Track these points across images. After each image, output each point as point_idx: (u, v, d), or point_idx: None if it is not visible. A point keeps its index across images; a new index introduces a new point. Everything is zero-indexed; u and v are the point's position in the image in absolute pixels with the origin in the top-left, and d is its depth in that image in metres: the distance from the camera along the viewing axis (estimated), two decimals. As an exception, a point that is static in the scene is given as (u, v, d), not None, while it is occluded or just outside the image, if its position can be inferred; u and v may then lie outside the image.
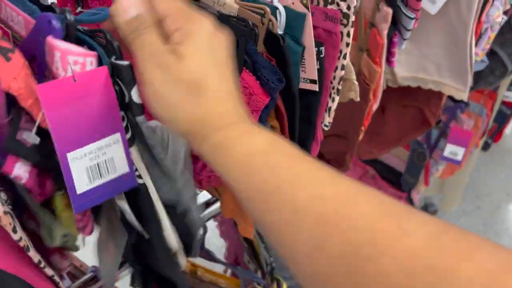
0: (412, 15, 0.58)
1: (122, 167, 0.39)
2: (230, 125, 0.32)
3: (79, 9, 0.42)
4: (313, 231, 0.27)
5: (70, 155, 0.35)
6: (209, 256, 0.83)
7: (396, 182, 1.20)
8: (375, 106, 0.66)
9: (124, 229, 0.46)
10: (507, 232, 1.82)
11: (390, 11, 0.56)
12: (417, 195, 1.18)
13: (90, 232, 0.47)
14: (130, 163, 0.39)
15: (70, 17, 0.33)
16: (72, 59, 0.33)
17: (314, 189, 0.29)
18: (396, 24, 0.60)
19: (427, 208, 1.88)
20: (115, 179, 0.39)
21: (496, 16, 0.68)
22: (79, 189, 0.36)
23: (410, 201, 1.17)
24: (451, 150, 1.06)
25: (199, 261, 0.87)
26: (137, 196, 0.43)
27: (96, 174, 0.37)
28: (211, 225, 1.06)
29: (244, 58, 0.43)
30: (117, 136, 0.38)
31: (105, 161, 0.37)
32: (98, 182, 0.37)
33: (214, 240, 1.17)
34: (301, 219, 0.28)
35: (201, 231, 0.77)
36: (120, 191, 0.40)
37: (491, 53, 0.83)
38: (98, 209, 0.47)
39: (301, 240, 0.28)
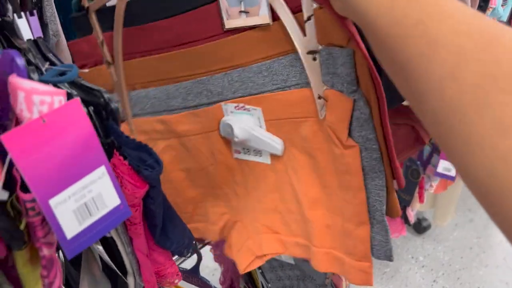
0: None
1: (112, 200, 0.37)
2: None
3: (46, 65, 0.40)
4: (449, 62, 0.26)
5: (52, 201, 0.32)
6: (204, 284, 0.80)
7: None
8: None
9: (107, 279, 0.45)
10: (501, 245, 1.81)
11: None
12: (412, 212, 1.17)
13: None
14: (121, 193, 0.37)
15: (34, 76, 0.31)
16: (38, 99, 0.30)
17: (458, 23, 0.28)
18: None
19: (420, 223, 1.87)
20: (107, 213, 0.36)
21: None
22: (69, 234, 0.33)
23: (405, 219, 1.16)
24: (445, 166, 1.05)
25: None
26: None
27: (85, 214, 0.35)
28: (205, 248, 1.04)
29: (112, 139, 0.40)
30: (102, 169, 0.35)
31: (93, 198, 0.35)
32: (89, 221, 0.35)
33: (208, 263, 1.14)
34: (439, 51, 0.27)
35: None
36: (115, 225, 0.37)
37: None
38: (75, 261, 0.44)
39: (435, 69, 0.27)
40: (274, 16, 0.46)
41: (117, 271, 0.45)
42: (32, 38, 0.41)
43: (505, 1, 0.80)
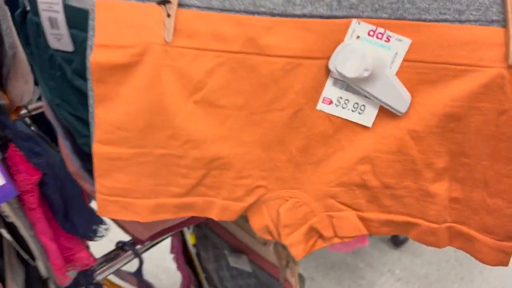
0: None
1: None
2: None
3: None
4: None
5: None
6: (147, 286, 0.83)
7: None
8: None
9: (21, 264, 0.46)
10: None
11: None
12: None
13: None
14: (6, 174, 0.39)
15: None
16: None
17: None
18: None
19: (397, 236, 1.89)
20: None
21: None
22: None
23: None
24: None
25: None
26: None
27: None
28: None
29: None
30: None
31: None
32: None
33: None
34: None
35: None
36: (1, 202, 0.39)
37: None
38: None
39: None
40: None
41: (25, 256, 0.47)
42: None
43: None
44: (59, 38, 0.60)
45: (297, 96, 0.41)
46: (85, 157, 0.76)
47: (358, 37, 0.39)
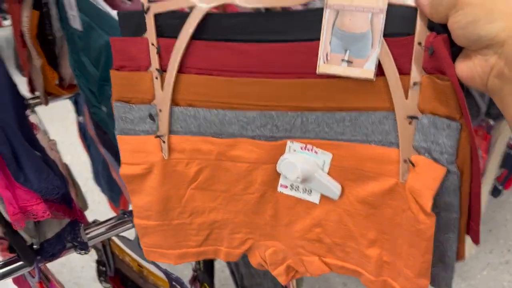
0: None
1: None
2: None
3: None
4: None
5: None
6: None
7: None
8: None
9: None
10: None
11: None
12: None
13: None
14: None
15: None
16: None
17: None
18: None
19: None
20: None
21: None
22: None
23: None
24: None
25: (146, 264, 0.91)
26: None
27: None
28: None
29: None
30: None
31: None
32: None
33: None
34: None
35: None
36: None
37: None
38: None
39: None
40: (377, 71, 0.45)
41: None
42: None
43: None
44: (73, 18, 0.73)
45: (261, 185, 0.56)
46: (97, 125, 1.00)
47: (295, 150, 0.53)
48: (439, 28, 0.42)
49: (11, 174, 0.58)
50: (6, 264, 0.69)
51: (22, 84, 0.83)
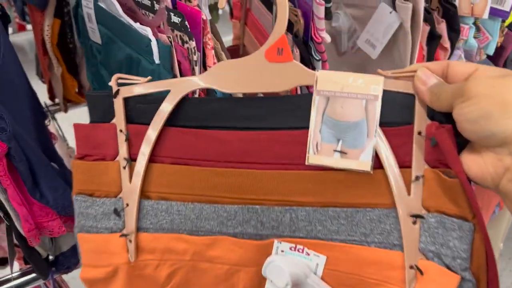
0: (318, 57, 0.59)
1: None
2: None
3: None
4: None
5: None
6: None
7: None
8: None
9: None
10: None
11: (297, 52, 0.59)
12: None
13: None
14: None
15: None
16: None
17: None
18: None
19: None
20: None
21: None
22: None
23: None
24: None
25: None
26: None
27: None
28: None
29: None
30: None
31: None
32: None
33: None
34: None
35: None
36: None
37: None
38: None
39: None
40: (374, 163, 0.42)
41: (3, 217, 0.60)
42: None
43: (478, 33, 0.77)
44: (93, 31, 0.71)
45: None
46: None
47: (283, 251, 0.46)
48: (439, 116, 0.39)
49: (27, 190, 0.58)
50: (22, 275, 0.71)
51: (42, 91, 0.83)
